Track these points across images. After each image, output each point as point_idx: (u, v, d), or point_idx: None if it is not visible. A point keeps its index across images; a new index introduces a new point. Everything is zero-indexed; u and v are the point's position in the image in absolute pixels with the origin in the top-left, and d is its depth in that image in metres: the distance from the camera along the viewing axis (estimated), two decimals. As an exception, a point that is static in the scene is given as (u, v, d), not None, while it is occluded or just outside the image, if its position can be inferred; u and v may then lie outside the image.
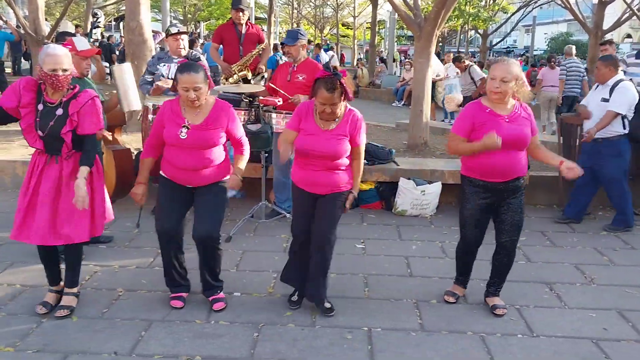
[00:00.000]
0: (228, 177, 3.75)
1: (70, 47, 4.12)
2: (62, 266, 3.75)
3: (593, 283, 4.40)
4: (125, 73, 4.75)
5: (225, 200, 3.81)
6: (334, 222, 3.67)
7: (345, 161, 3.62)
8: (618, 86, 5.42)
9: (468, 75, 11.06)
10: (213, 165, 3.65)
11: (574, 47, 11.96)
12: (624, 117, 5.43)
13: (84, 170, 3.42)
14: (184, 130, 3.55)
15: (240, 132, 3.77)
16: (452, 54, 15.67)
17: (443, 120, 11.81)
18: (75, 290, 3.73)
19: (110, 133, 4.84)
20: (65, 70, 3.35)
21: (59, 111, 3.42)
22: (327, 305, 3.77)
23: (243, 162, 3.78)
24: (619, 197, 5.64)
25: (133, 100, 4.76)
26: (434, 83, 12.72)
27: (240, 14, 6.78)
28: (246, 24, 6.88)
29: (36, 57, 10.58)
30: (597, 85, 5.71)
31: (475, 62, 12.90)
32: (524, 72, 11.15)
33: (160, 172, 3.74)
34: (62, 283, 3.76)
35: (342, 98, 3.49)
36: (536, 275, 4.51)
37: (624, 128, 5.47)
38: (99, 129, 3.55)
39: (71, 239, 3.50)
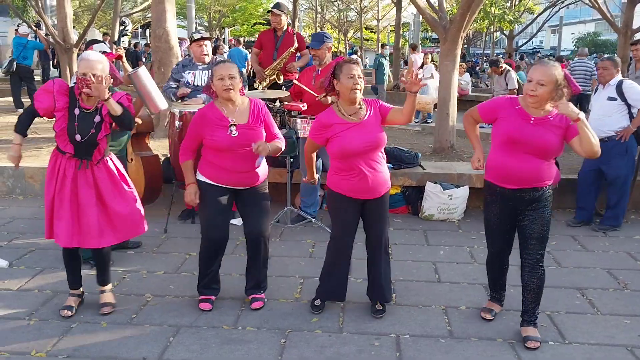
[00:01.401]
0: (266, 175, 3.89)
1: None
2: (88, 271, 3.81)
3: (627, 288, 4.30)
4: (143, 77, 4.75)
5: (269, 197, 3.92)
6: (387, 221, 3.77)
7: (382, 154, 3.69)
8: (625, 84, 5.51)
9: (503, 80, 10.61)
10: (260, 164, 3.77)
11: (586, 49, 12.36)
12: (630, 113, 5.51)
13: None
14: (233, 128, 3.61)
15: (277, 128, 3.88)
16: (430, 55, 15.63)
17: (416, 122, 11.44)
18: (109, 286, 3.88)
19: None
20: (95, 75, 3.41)
21: (97, 118, 3.52)
22: (379, 307, 3.83)
23: (278, 144, 3.82)
24: (620, 196, 5.66)
25: (158, 101, 4.78)
26: None
27: (275, 17, 6.82)
28: (287, 30, 6.88)
29: (65, 65, 10.82)
30: (597, 87, 5.80)
31: (522, 62, 12.37)
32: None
33: (199, 179, 3.75)
34: (81, 288, 3.87)
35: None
36: (567, 280, 4.43)
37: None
38: (129, 104, 3.66)
39: (122, 237, 3.72)
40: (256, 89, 6.62)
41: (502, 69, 10.72)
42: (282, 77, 6.77)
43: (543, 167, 3.32)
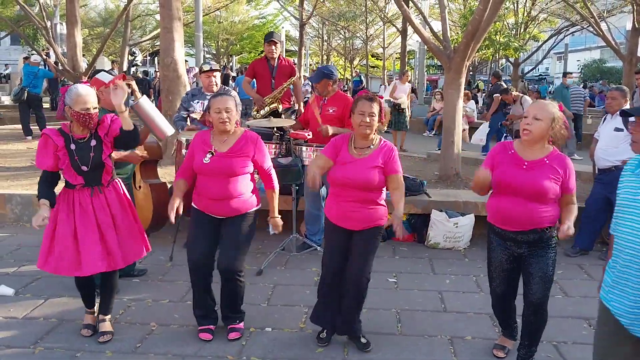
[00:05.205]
0: (255, 208, 3.81)
1: (96, 85, 4.25)
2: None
3: (634, 319, 4.25)
4: (145, 107, 4.80)
5: (252, 232, 3.84)
6: (369, 259, 3.65)
7: (380, 195, 3.61)
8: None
9: (520, 106, 10.22)
10: (239, 195, 3.71)
11: (571, 75, 13.48)
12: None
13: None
14: (208, 156, 3.67)
15: (267, 164, 3.83)
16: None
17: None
18: (109, 316, 3.92)
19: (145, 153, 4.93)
20: (95, 107, 3.54)
21: (93, 142, 3.59)
22: (363, 340, 3.74)
23: (276, 200, 3.88)
24: None
25: (164, 127, 4.83)
26: (399, 111, 11.91)
27: (273, 47, 6.87)
28: (279, 57, 6.97)
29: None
30: (605, 117, 5.79)
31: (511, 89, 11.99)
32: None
33: (192, 205, 3.83)
34: (96, 307, 3.94)
35: (380, 115, 3.59)
36: (574, 310, 4.39)
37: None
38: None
39: (129, 260, 3.78)
40: (254, 117, 6.66)
41: (514, 96, 10.52)
42: (280, 106, 6.79)
43: (539, 210, 3.25)
